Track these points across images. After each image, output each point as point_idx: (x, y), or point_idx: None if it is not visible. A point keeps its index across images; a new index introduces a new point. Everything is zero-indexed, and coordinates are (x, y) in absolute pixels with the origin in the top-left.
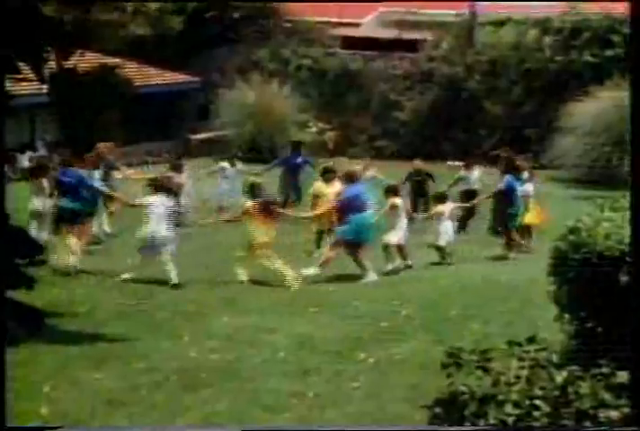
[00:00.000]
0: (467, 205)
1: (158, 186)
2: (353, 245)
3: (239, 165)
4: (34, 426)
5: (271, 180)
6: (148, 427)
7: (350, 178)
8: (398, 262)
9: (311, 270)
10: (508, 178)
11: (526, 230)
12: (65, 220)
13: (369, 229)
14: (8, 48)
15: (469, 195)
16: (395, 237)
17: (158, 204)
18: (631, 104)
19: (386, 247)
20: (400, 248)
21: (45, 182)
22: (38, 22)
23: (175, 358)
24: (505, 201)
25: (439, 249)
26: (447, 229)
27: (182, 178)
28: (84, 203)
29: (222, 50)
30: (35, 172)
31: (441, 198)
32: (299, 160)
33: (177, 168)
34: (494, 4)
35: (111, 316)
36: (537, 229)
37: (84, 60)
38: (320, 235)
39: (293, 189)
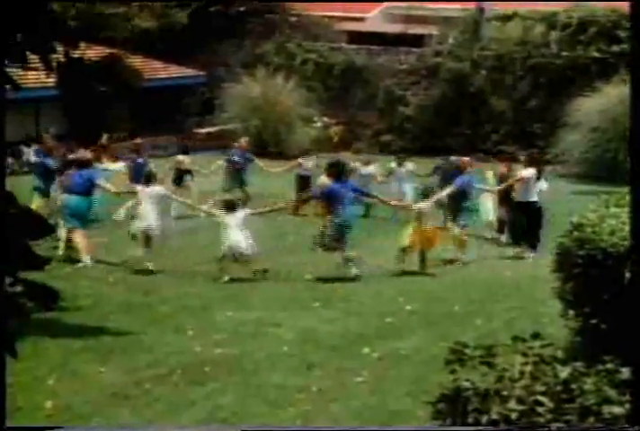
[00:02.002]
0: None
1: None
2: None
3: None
4: (34, 427)
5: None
6: (152, 427)
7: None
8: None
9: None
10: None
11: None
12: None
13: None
14: (15, 37)
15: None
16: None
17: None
18: (631, 103)
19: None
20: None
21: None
22: (45, 13)
23: (180, 352)
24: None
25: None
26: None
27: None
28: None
29: (227, 44)
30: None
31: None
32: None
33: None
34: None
35: (115, 310)
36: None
37: (91, 53)
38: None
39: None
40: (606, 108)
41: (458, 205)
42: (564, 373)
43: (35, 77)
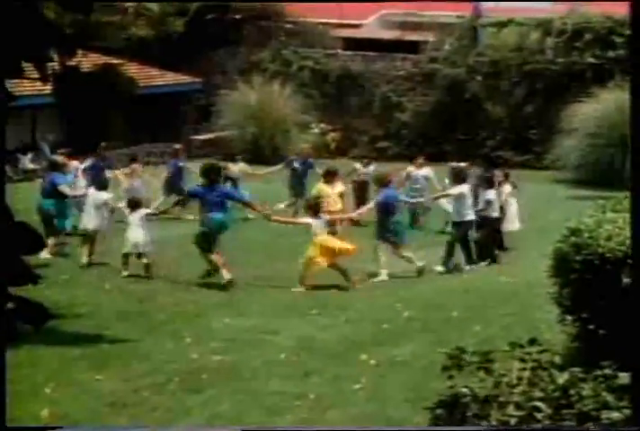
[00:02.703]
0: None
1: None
2: None
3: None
4: (34, 427)
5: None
6: (149, 428)
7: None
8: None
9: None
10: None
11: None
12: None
13: None
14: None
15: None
16: None
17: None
18: (631, 105)
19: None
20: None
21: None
22: (40, 22)
23: (177, 360)
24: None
25: None
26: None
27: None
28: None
29: (224, 52)
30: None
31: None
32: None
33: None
34: (496, 5)
35: (112, 317)
36: None
37: (87, 61)
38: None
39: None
40: (602, 113)
41: (384, 220)
42: (561, 378)
43: (31, 85)
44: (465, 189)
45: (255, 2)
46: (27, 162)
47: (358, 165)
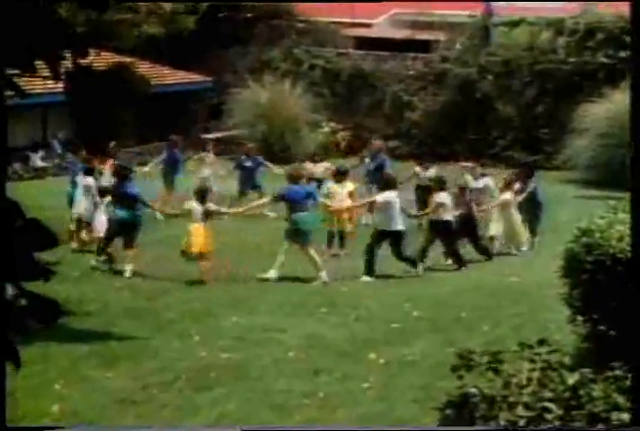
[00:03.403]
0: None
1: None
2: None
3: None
4: (34, 427)
5: None
6: (155, 427)
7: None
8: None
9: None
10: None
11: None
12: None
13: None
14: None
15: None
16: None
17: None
18: (631, 104)
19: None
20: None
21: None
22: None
23: (186, 358)
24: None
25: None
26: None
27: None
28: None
29: (235, 50)
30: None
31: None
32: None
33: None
34: (508, 4)
35: (121, 315)
36: None
37: (100, 59)
38: (331, 236)
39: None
40: (613, 113)
41: (289, 218)
42: (571, 379)
43: (42, 83)
44: (391, 196)
45: (267, 1)
46: (37, 160)
47: (418, 169)
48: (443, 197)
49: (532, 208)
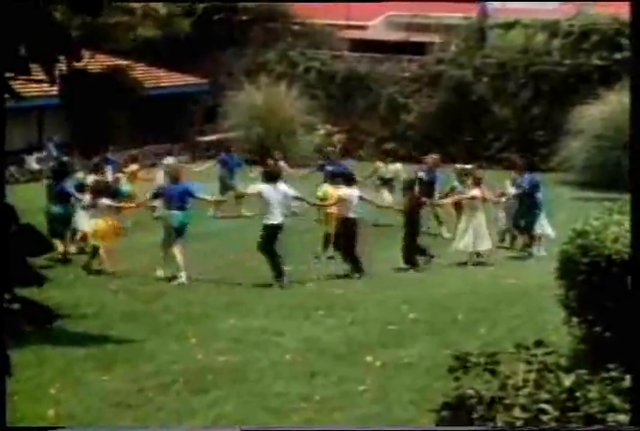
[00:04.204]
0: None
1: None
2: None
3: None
4: (34, 427)
5: None
6: (151, 429)
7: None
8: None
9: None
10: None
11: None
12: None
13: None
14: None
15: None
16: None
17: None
18: (631, 104)
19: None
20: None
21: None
22: (48, 23)
23: (182, 361)
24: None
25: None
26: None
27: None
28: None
29: (230, 52)
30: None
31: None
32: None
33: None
34: (502, 5)
35: (117, 318)
36: None
37: (95, 62)
38: (327, 238)
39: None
40: (608, 115)
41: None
42: (567, 380)
43: (38, 86)
44: (262, 188)
45: (262, 1)
46: (33, 162)
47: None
48: (347, 192)
49: (527, 209)
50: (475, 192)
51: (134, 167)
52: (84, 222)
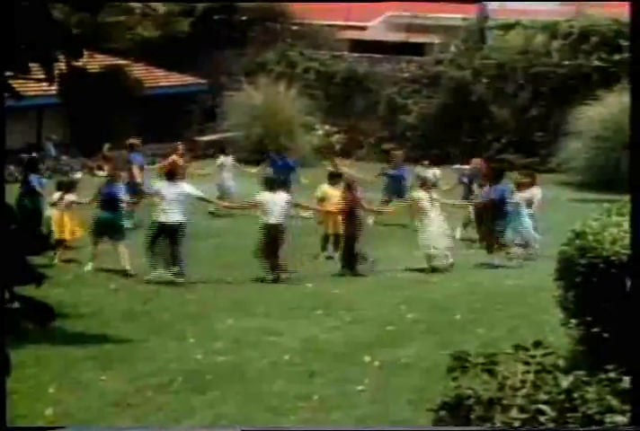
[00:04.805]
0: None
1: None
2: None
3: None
4: (34, 427)
5: None
6: (150, 429)
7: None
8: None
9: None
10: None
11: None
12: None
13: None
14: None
15: None
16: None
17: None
18: (631, 106)
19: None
20: None
21: None
22: (47, 23)
23: (181, 360)
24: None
25: None
26: None
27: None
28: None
29: (229, 53)
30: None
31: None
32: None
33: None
34: (501, 5)
35: (116, 317)
36: None
37: (94, 61)
38: (326, 238)
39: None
40: (608, 116)
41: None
42: (565, 381)
43: (37, 85)
44: (160, 186)
45: (262, 1)
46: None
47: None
48: (267, 197)
49: (493, 219)
50: (420, 195)
51: (174, 159)
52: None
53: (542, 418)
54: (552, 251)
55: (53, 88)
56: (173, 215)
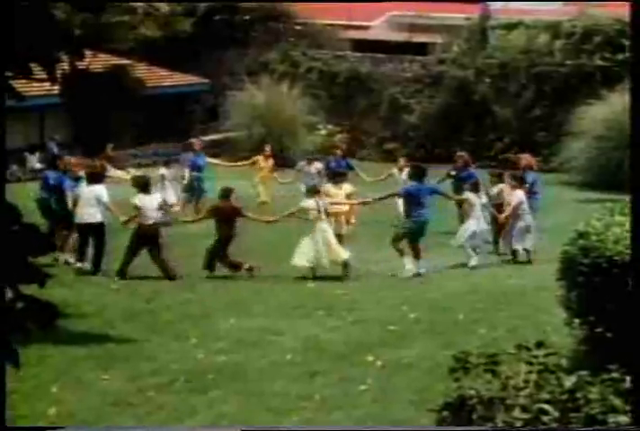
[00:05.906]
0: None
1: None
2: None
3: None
4: (34, 427)
5: None
6: (153, 428)
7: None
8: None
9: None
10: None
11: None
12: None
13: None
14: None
15: None
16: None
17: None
18: (631, 105)
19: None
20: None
21: None
22: (50, 23)
23: (182, 360)
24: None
25: None
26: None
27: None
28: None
29: (232, 52)
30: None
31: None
32: None
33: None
34: (504, 5)
35: (118, 317)
36: None
37: (96, 61)
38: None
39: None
40: (610, 116)
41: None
42: (568, 381)
43: (39, 85)
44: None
45: (264, 1)
46: (34, 161)
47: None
48: (144, 200)
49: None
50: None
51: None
52: None
53: (545, 418)
54: (555, 251)
55: (56, 88)
56: (98, 215)
